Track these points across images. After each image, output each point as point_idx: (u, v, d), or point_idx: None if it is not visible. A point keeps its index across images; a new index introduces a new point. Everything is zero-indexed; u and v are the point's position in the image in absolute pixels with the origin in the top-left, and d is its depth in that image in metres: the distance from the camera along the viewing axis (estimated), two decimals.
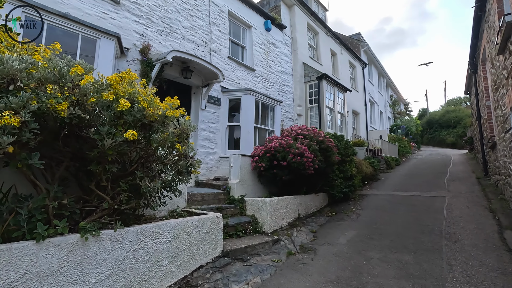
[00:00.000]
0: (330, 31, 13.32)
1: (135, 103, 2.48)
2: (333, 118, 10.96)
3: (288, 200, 5.57)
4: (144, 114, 2.50)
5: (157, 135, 2.67)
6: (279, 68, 9.99)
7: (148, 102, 2.49)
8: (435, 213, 5.77)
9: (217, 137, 7.41)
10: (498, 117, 6.00)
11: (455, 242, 4.35)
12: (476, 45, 8.05)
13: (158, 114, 2.54)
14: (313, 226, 5.62)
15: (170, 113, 2.60)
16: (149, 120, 2.59)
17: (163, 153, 3.46)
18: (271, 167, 5.75)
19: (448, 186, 8.02)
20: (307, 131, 6.35)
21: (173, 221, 3.30)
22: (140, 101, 2.45)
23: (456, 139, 26.48)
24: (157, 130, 2.73)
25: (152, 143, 2.70)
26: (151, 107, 2.50)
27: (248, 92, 7.48)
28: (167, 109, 2.62)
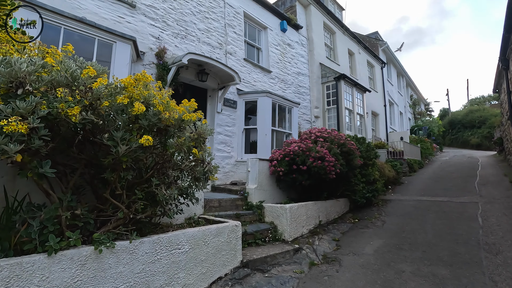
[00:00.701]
0: (348, 30, 12.95)
1: (151, 107, 2.34)
2: (351, 119, 10.58)
3: (308, 206, 5.31)
4: (160, 118, 2.34)
5: (173, 140, 2.52)
6: (295, 69, 9.76)
7: (164, 106, 2.34)
8: (468, 221, 5.33)
9: (234, 140, 7.25)
10: None
11: (496, 254, 3.94)
12: (509, 39, 7.51)
13: (174, 118, 2.38)
14: (336, 234, 5.32)
15: (187, 117, 2.43)
16: (165, 124, 2.44)
17: (179, 158, 3.33)
18: (290, 171, 5.51)
19: (479, 191, 7.48)
20: (327, 134, 6.07)
21: (190, 230, 3.14)
22: (156, 104, 2.30)
23: (481, 140, 25.26)
24: (173, 135, 2.57)
25: (168, 148, 2.55)
26: (167, 110, 2.35)
27: (264, 94, 7.29)
28: (183, 112, 2.46)
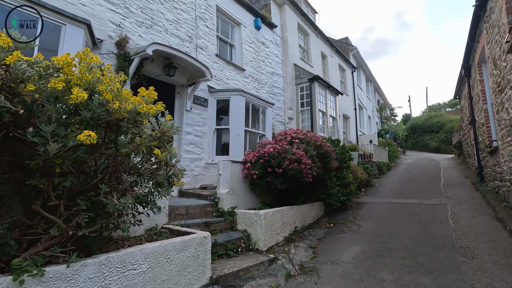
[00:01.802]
0: (321, 33, 13.01)
1: (95, 95, 1.83)
2: (325, 122, 10.54)
3: (284, 212, 4.98)
4: (108, 110, 1.85)
5: (126, 138, 2.02)
6: (270, 69, 9.49)
7: (113, 94, 1.85)
8: (441, 224, 5.34)
9: (204, 141, 6.76)
10: (502, 120, 5.70)
11: (472, 258, 3.89)
12: (472, 47, 7.85)
13: (127, 110, 1.89)
14: (312, 241, 5.05)
15: (143, 109, 1.96)
16: (116, 117, 1.95)
17: (138, 160, 2.82)
18: (265, 174, 5.16)
19: (446, 193, 7.70)
20: (303, 135, 5.82)
21: (149, 246, 2.63)
22: (102, 91, 1.81)
23: (439, 143, 26.90)
24: (127, 131, 2.08)
25: (120, 148, 2.05)
26: (118, 100, 1.86)
27: (237, 92, 6.90)
28: (139, 103, 1.98)
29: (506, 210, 5.71)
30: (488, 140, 7.43)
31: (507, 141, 5.49)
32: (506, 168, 5.83)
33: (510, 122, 5.19)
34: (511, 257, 3.84)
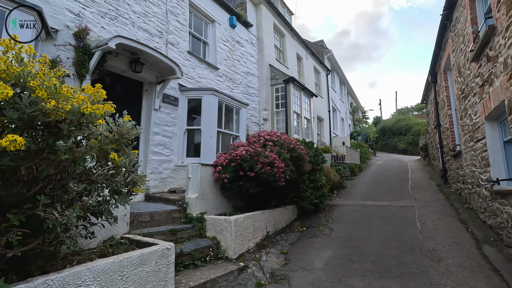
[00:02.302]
0: (296, 35, 13.04)
1: (26, 91, 1.53)
2: (299, 123, 10.55)
3: (256, 217, 4.82)
4: (42, 110, 1.56)
5: (66, 143, 1.73)
6: (245, 69, 9.30)
7: (49, 91, 1.55)
8: (409, 226, 5.46)
9: (174, 142, 6.42)
10: (466, 125, 5.95)
11: (438, 261, 3.96)
12: (439, 54, 8.19)
13: (66, 110, 1.61)
14: (284, 246, 4.93)
15: (87, 109, 1.68)
16: (54, 119, 1.65)
17: (91, 165, 2.52)
18: (237, 178, 4.96)
19: (413, 195, 7.96)
20: (276, 137, 5.69)
21: (100, 262, 2.33)
22: (34, 87, 1.51)
23: (407, 145, 28.20)
24: (70, 134, 1.79)
25: (59, 154, 1.75)
26: (54, 98, 1.57)
27: (210, 92, 6.63)
28: (84, 102, 1.70)
29: (467, 211, 5.97)
30: (452, 144, 7.78)
31: (470, 146, 5.73)
32: (468, 172, 6.10)
33: (473, 127, 5.41)
34: (473, 259, 3.95)
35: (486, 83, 4.41)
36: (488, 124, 4.62)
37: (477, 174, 5.40)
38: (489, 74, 4.23)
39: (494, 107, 4.11)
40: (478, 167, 5.29)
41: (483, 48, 4.39)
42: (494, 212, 4.54)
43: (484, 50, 4.34)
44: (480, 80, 4.70)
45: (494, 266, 3.72)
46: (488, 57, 4.21)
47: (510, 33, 3.40)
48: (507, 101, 3.59)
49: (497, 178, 4.43)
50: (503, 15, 3.58)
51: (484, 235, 4.70)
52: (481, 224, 5.20)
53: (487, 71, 4.29)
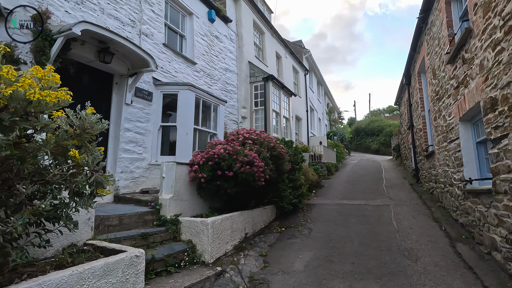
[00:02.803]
0: (276, 33, 12.95)
1: None
2: (278, 122, 10.46)
3: (234, 218, 4.61)
4: None
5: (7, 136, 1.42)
6: (223, 65, 9.03)
7: None
8: (386, 225, 5.51)
9: (147, 139, 6.03)
10: (439, 126, 6.13)
11: (416, 261, 3.98)
12: (413, 57, 8.42)
13: (6, 96, 1.31)
14: (263, 248, 4.77)
15: (35, 95, 1.39)
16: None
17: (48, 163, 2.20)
18: (214, 178, 4.72)
19: (388, 193, 8.13)
20: (256, 136, 5.52)
21: (55, 276, 2.02)
22: None
23: (379, 146, 29.26)
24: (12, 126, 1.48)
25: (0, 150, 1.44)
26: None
27: (187, 87, 6.31)
28: (30, 88, 1.40)
29: (440, 210, 6.16)
30: (425, 145, 8.04)
31: (443, 146, 5.90)
32: (441, 171, 6.29)
33: (446, 128, 5.56)
34: (448, 257, 4.02)
35: (461, 85, 4.52)
36: (462, 125, 4.75)
37: (450, 173, 5.56)
38: (464, 76, 4.33)
39: (469, 108, 4.21)
40: (451, 167, 5.45)
41: (459, 51, 4.49)
42: (466, 211, 4.67)
43: (460, 53, 4.44)
44: (455, 82, 4.82)
45: (468, 264, 3.80)
46: (464, 59, 4.30)
47: (486, 36, 3.46)
48: (483, 103, 3.67)
49: (470, 177, 4.56)
50: (479, 18, 3.65)
51: (456, 233, 4.83)
52: (453, 222, 5.36)
53: (463, 73, 4.39)
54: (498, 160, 3.34)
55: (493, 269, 3.56)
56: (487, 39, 3.44)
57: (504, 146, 3.17)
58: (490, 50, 3.39)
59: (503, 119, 3.17)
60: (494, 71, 3.31)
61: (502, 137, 3.22)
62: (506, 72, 3.03)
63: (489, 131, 3.54)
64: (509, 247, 3.23)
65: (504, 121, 3.15)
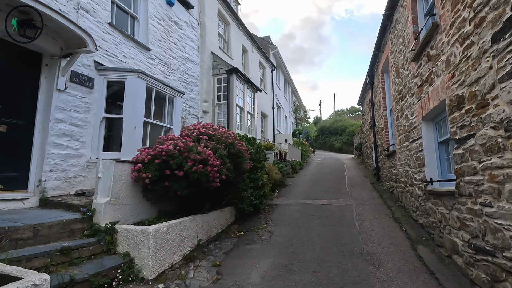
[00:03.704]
0: (242, 25, 12.42)
1: None
2: (242, 118, 9.98)
3: (184, 224, 4.04)
4: None
5: None
6: (183, 54, 8.30)
7: None
8: (348, 227, 5.31)
9: (86, 133, 5.19)
10: (401, 126, 6.08)
11: (379, 266, 3.76)
12: (377, 56, 8.44)
13: None
14: (217, 256, 4.26)
15: None
16: None
17: None
18: (162, 178, 4.11)
19: (350, 193, 8.07)
20: (213, 131, 4.98)
21: None
22: None
23: (342, 145, 30.22)
24: None
25: None
26: None
27: (136, 74, 5.55)
28: None
29: (400, 210, 6.14)
30: (386, 144, 8.09)
31: (405, 146, 5.86)
32: (401, 171, 6.27)
33: (408, 128, 5.50)
34: (410, 262, 3.85)
35: (425, 83, 4.39)
36: (425, 124, 4.66)
37: (410, 173, 5.51)
38: (429, 73, 4.20)
39: (433, 107, 4.08)
40: (412, 167, 5.39)
41: (424, 48, 4.35)
42: (427, 212, 4.59)
43: (425, 50, 4.30)
44: (419, 80, 4.71)
45: (429, 268, 3.65)
46: (429, 57, 4.16)
47: (455, 30, 3.28)
48: (448, 101, 3.51)
49: (431, 178, 4.48)
50: (447, 12, 3.48)
51: (416, 234, 4.75)
52: (413, 222, 5.31)
53: (427, 70, 4.26)
54: (463, 161, 3.18)
55: (454, 273, 3.43)
56: (455, 33, 3.26)
57: (470, 146, 3.00)
58: (458, 45, 3.21)
59: (470, 117, 2.99)
60: (461, 67, 3.13)
61: (468, 137, 3.05)
62: (475, 67, 2.84)
63: (454, 130, 3.38)
64: (472, 252, 3.09)
65: (471, 120, 2.97)
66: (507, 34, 2.32)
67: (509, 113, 2.32)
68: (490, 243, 2.71)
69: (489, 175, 2.67)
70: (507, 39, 2.32)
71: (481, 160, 2.80)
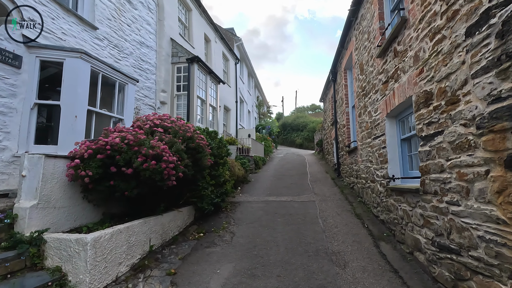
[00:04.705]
0: (205, 13, 11.74)
1: None
2: (204, 111, 9.43)
3: (133, 229, 3.51)
4: None
5: None
6: (138, 38, 7.49)
7: None
8: (312, 224, 5.18)
9: (12, 121, 4.31)
10: (364, 122, 6.12)
11: (345, 267, 3.63)
12: (341, 53, 8.47)
13: None
14: (172, 263, 3.81)
15: None
16: None
17: None
18: (107, 176, 3.52)
19: (313, 189, 8.05)
20: (170, 123, 4.45)
21: None
22: None
23: (303, 141, 30.92)
24: None
25: None
26: None
27: (78, 54, 4.75)
28: None
29: (361, 206, 6.20)
30: (348, 141, 8.20)
31: (367, 142, 5.89)
32: (363, 167, 6.34)
33: (371, 124, 5.51)
34: (374, 260, 3.80)
35: (391, 79, 4.36)
36: (389, 121, 4.65)
37: (372, 170, 5.55)
38: (395, 69, 4.15)
39: (398, 103, 4.04)
40: (374, 163, 5.42)
41: (390, 43, 4.30)
42: (388, 208, 4.62)
43: (392, 45, 4.25)
44: (384, 77, 4.68)
45: (393, 266, 3.61)
46: (396, 52, 4.11)
47: (424, 24, 3.21)
48: (415, 97, 3.46)
49: (393, 175, 4.49)
50: (417, 6, 3.40)
51: (378, 230, 4.77)
52: (374, 218, 5.35)
53: (393, 66, 4.22)
54: (429, 159, 3.14)
55: (417, 271, 3.42)
56: (425, 27, 3.19)
57: (438, 143, 2.95)
58: (427, 40, 3.14)
59: (438, 114, 2.93)
60: (431, 63, 3.06)
61: (435, 134, 3.00)
62: (445, 63, 2.77)
63: (420, 127, 3.34)
64: (435, 250, 3.07)
65: (439, 116, 2.91)
66: (483, 27, 2.23)
67: (483, 110, 2.24)
68: (455, 241, 2.68)
69: (457, 173, 2.62)
70: (483, 32, 2.22)
71: (449, 157, 2.74)
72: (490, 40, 2.15)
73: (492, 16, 2.14)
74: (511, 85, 1.97)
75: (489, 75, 2.17)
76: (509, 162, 1.99)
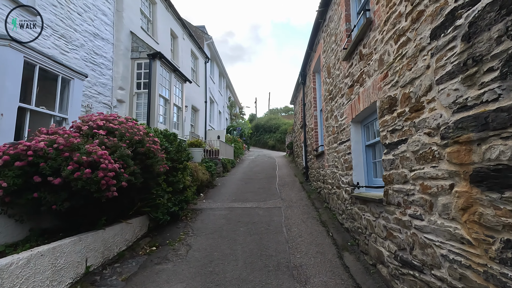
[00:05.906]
0: (172, 7, 11.13)
1: None
2: (167, 111, 8.85)
3: (62, 249, 2.97)
4: None
5: None
6: (91, 28, 6.78)
7: None
8: (276, 233, 4.91)
9: None
10: (330, 127, 5.98)
11: (305, 283, 3.37)
12: (310, 56, 8.35)
13: None
14: (113, 286, 3.31)
15: None
16: None
17: None
18: (29, 187, 2.95)
19: (280, 193, 7.83)
20: (117, 124, 3.94)
21: None
22: None
23: (275, 142, 30.99)
24: None
25: None
26: None
27: (6, 42, 4.07)
28: None
29: (327, 212, 6.05)
30: (316, 144, 8.08)
31: (333, 147, 5.75)
32: (329, 172, 6.20)
33: (337, 129, 5.37)
34: (337, 274, 3.58)
35: (356, 84, 4.20)
36: (354, 126, 4.50)
37: (338, 175, 5.41)
38: (360, 73, 3.99)
39: (363, 108, 3.88)
40: (340, 169, 5.27)
41: (356, 46, 4.14)
42: (353, 216, 4.46)
43: (358, 48, 4.10)
44: (349, 81, 4.52)
45: (355, 280, 3.42)
46: (361, 55, 3.95)
47: (389, 26, 3.04)
48: (379, 103, 3.29)
49: (358, 182, 4.34)
50: (382, 7, 3.23)
51: (342, 239, 4.60)
52: (339, 226, 5.20)
53: (359, 70, 4.06)
54: (393, 168, 2.97)
55: (379, 285, 3.25)
56: (390, 29, 3.02)
57: (401, 152, 2.78)
58: (392, 43, 2.97)
59: (402, 121, 2.76)
60: (395, 67, 2.89)
61: (399, 142, 2.83)
62: (410, 67, 2.59)
63: (384, 134, 3.17)
64: (398, 264, 2.90)
65: (403, 124, 2.74)
66: (449, 29, 2.05)
67: (447, 119, 2.06)
68: (418, 258, 2.50)
69: (421, 186, 2.44)
70: (449, 34, 2.05)
71: (413, 168, 2.57)
72: (456, 43, 1.98)
73: (458, 17, 1.96)
74: (477, 92, 1.79)
75: (454, 81, 1.99)
76: (475, 177, 1.81)
